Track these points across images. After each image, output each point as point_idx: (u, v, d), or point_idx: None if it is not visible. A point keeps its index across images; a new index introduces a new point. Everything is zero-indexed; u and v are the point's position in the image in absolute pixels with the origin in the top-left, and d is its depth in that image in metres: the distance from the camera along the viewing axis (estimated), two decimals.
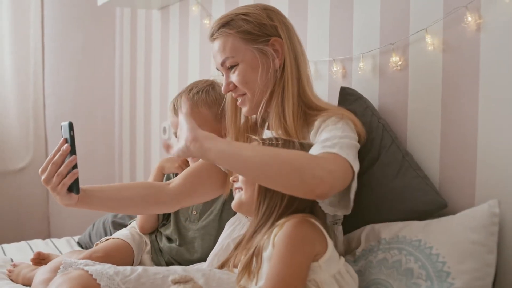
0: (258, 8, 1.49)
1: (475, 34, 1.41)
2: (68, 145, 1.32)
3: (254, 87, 1.48)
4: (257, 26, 1.47)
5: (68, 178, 1.33)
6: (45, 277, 1.47)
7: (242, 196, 1.38)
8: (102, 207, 1.49)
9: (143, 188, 1.55)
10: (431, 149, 1.52)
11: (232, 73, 1.50)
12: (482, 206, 1.27)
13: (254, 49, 1.47)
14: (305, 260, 1.20)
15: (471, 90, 1.42)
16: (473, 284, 1.20)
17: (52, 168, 1.34)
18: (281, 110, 1.46)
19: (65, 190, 1.34)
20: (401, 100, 1.60)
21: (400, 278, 1.28)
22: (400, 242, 1.34)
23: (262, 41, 1.47)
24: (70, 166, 1.33)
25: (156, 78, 2.98)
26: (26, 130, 3.25)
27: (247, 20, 1.47)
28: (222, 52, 1.49)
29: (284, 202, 1.31)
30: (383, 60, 1.65)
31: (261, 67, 1.47)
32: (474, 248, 1.23)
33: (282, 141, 1.35)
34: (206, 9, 2.47)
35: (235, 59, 1.48)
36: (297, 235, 1.22)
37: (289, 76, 1.46)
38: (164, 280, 1.30)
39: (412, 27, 1.56)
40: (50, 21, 3.31)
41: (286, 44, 1.48)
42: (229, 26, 1.48)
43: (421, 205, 1.43)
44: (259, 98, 1.49)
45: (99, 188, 1.48)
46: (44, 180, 1.35)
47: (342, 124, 1.39)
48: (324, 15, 1.86)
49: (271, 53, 1.47)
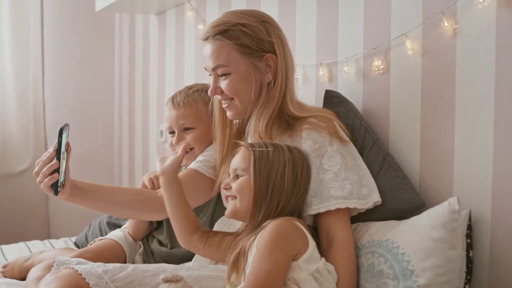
0: (258, 21, 1.50)
1: (451, 39, 1.46)
2: (54, 150, 1.39)
3: (242, 97, 1.53)
4: (255, 41, 1.49)
5: (48, 179, 1.39)
6: (38, 275, 1.51)
7: (237, 204, 1.40)
8: (93, 207, 1.56)
9: (133, 195, 1.61)
10: (412, 150, 1.57)
11: (222, 80, 1.53)
12: (443, 204, 1.31)
13: (249, 63, 1.50)
14: (284, 257, 1.25)
15: (448, 92, 1.47)
16: (436, 280, 1.24)
17: (40, 166, 1.40)
18: (258, 118, 1.51)
19: (47, 188, 1.40)
20: (383, 103, 1.65)
21: (372, 280, 1.33)
22: (374, 245, 1.38)
23: (257, 56, 1.50)
24: (51, 170, 1.39)
25: (154, 82, 3.03)
26: (26, 133, 3.30)
27: (246, 33, 1.48)
28: (216, 58, 1.51)
29: (278, 208, 1.36)
30: (366, 64, 1.70)
31: (251, 81, 1.51)
32: (435, 245, 1.26)
33: (271, 148, 1.39)
34: (201, 14, 2.52)
35: (228, 69, 1.50)
36: (277, 233, 1.27)
37: (277, 92, 1.50)
38: (153, 278, 1.35)
39: (393, 32, 1.61)
40: (49, 27, 3.36)
41: (280, 61, 1.51)
42: (227, 35, 1.49)
43: (400, 204, 1.48)
44: (246, 106, 1.54)
45: (94, 188, 1.54)
46: (34, 173, 1.42)
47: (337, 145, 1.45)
48: (311, 20, 1.91)
49: (264, 69, 1.50)
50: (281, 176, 1.36)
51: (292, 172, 1.37)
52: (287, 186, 1.36)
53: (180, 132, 1.80)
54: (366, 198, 1.44)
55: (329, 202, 1.41)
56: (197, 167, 1.70)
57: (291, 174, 1.37)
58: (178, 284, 1.26)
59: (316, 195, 1.42)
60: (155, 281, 1.33)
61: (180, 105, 1.80)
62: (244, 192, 1.38)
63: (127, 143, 3.38)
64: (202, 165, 1.70)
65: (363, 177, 1.47)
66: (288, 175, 1.37)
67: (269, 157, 1.38)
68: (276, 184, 1.36)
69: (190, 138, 1.78)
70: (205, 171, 1.69)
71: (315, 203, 1.42)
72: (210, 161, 1.71)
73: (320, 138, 1.46)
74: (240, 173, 1.41)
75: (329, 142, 1.45)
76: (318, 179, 1.43)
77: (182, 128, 1.80)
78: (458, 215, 1.27)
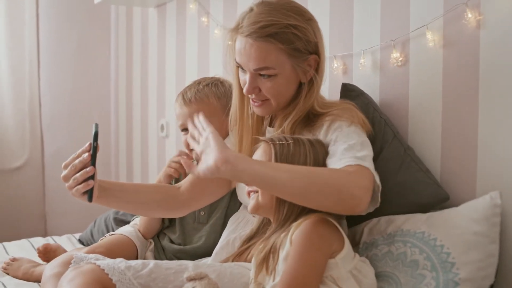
0: (304, 20, 1.43)
1: (475, 30, 1.44)
2: (89, 155, 1.33)
3: (281, 98, 1.48)
4: (304, 43, 1.42)
5: (82, 186, 1.33)
6: (55, 271, 1.48)
7: (259, 199, 1.36)
8: (117, 207, 1.54)
9: (158, 193, 1.57)
10: (432, 143, 1.55)
11: (264, 80, 1.45)
12: (484, 197, 1.30)
13: (294, 65, 1.44)
14: (321, 258, 1.23)
15: (471, 85, 1.45)
16: (477, 274, 1.24)
17: (70, 171, 1.33)
18: (287, 115, 1.48)
19: (79, 194, 1.34)
20: (402, 96, 1.63)
21: (405, 270, 1.31)
22: (404, 235, 1.37)
23: (303, 58, 1.44)
24: (86, 176, 1.33)
25: (153, 77, 2.99)
26: (22, 129, 3.26)
27: (297, 36, 1.41)
28: (261, 60, 1.41)
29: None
30: (384, 56, 1.68)
31: (294, 81, 1.46)
32: (477, 239, 1.26)
33: (292, 141, 1.36)
34: (204, 7, 2.49)
35: (275, 71, 1.42)
36: (315, 233, 1.24)
37: (312, 94, 1.47)
38: (176, 276, 1.32)
39: (412, 24, 1.59)
40: (45, 20, 3.31)
41: (322, 63, 1.47)
42: (278, 38, 1.39)
43: (423, 198, 1.46)
44: (281, 106, 1.50)
45: (119, 187, 1.49)
46: (63, 177, 1.35)
47: (355, 127, 1.41)
48: (324, 12, 1.88)
49: (306, 69, 1.45)
50: None
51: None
52: None
53: None
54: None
55: (340, 162, 1.31)
56: None
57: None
58: (202, 281, 1.23)
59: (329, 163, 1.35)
60: (178, 279, 1.31)
61: (192, 101, 1.77)
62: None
63: (124, 139, 3.34)
64: None
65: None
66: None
67: (290, 150, 1.35)
68: None
69: None
70: None
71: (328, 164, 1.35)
72: None
73: (339, 122, 1.42)
74: None
75: (347, 124, 1.41)
76: (331, 152, 1.37)
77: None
78: (499, 209, 1.26)
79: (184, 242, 1.82)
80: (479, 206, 1.28)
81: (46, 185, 3.34)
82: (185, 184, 1.61)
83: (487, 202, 1.28)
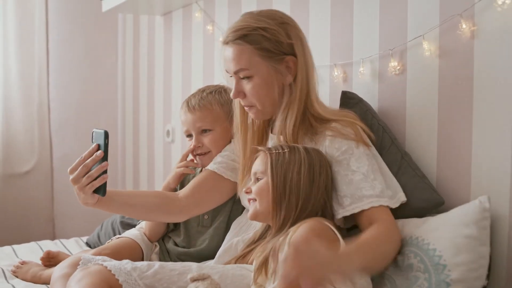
0: (277, 23, 1.52)
1: (469, 40, 1.49)
2: (102, 151, 1.41)
3: (264, 101, 1.55)
4: (274, 44, 1.51)
5: (98, 181, 1.41)
6: (64, 272, 1.53)
7: (257, 206, 1.44)
8: (118, 210, 1.59)
9: (156, 197, 1.64)
10: (429, 149, 1.60)
11: (245, 83, 1.55)
12: (473, 202, 1.35)
13: (270, 66, 1.52)
14: None
15: (466, 93, 1.50)
16: (468, 275, 1.28)
17: (82, 170, 1.41)
18: (284, 119, 1.54)
19: (92, 191, 1.42)
20: (399, 103, 1.68)
21: (402, 274, 1.36)
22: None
23: (277, 59, 1.52)
24: (101, 171, 1.41)
25: (159, 83, 3.05)
26: (31, 133, 3.31)
27: (266, 37, 1.50)
28: (237, 62, 1.53)
29: (298, 208, 1.39)
30: (382, 65, 1.73)
31: (272, 84, 1.53)
32: (467, 241, 1.31)
33: (288, 149, 1.43)
34: (210, 15, 2.55)
35: (250, 72, 1.52)
36: (312, 235, 1.28)
37: (298, 92, 1.53)
38: (180, 277, 1.37)
39: (410, 34, 1.64)
40: (54, 27, 3.38)
41: (300, 64, 1.53)
42: (247, 39, 1.51)
43: (419, 202, 1.51)
44: (268, 108, 1.57)
45: (118, 192, 1.57)
46: (73, 179, 1.42)
47: (363, 147, 1.48)
48: (325, 21, 1.94)
49: (284, 71, 1.53)
50: (297, 175, 1.40)
51: (308, 171, 1.41)
52: (303, 185, 1.39)
53: (198, 135, 1.83)
54: (393, 198, 1.47)
55: (362, 202, 1.42)
56: (215, 169, 1.73)
57: (308, 172, 1.40)
58: (205, 282, 1.28)
59: (346, 195, 1.43)
60: (182, 279, 1.36)
61: (196, 108, 1.83)
62: (263, 194, 1.43)
63: (131, 144, 3.39)
64: (220, 167, 1.73)
65: (387, 179, 1.50)
66: (304, 174, 1.40)
67: (285, 158, 1.42)
68: (293, 183, 1.39)
69: (208, 140, 1.81)
70: (223, 172, 1.72)
71: (347, 204, 1.43)
72: (227, 162, 1.74)
73: (345, 142, 1.48)
74: (260, 176, 1.45)
75: (355, 145, 1.48)
76: (347, 180, 1.45)
77: (200, 130, 1.83)
78: (488, 213, 1.31)
79: (189, 245, 1.87)
80: (469, 210, 1.33)
81: (54, 189, 3.40)
82: (185, 191, 1.67)
83: (476, 206, 1.33)
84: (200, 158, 1.84)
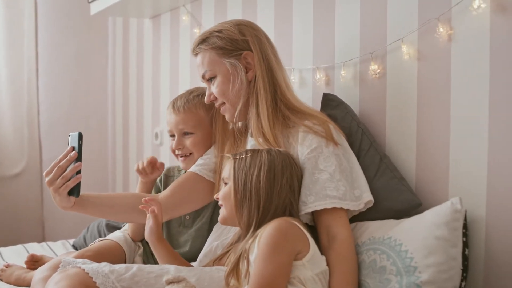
0: (232, 25, 1.63)
1: (446, 44, 1.50)
2: (76, 152, 1.43)
3: (229, 97, 1.62)
4: (229, 42, 1.61)
5: (71, 181, 1.45)
6: (44, 275, 1.54)
7: (223, 211, 1.48)
8: (95, 212, 1.60)
9: (135, 198, 1.65)
10: (408, 152, 1.61)
11: (212, 85, 1.64)
12: (445, 203, 1.37)
13: (227, 62, 1.61)
14: (286, 258, 1.29)
15: (444, 96, 1.51)
16: (438, 277, 1.29)
17: (57, 171, 1.46)
18: (257, 118, 1.58)
19: (66, 192, 1.46)
20: (379, 106, 1.69)
21: (374, 276, 1.37)
22: (375, 243, 1.43)
23: (234, 55, 1.61)
24: (75, 171, 1.45)
25: (148, 86, 3.06)
26: (20, 136, 3.31)
27: (220, 37, 1.61)
28: (201, 65, 1.65)
29: (260, 209, 1.41)
30: (363, 68, 1.74)
31: (233, 79, 1.60)
32: (438, 243, 1.31)
33: (250, 153, 1.47)
34: (196, 18, 2.56)
35: (212, 72, 1.63)
36: (278, 234, 1.31)
37: (261, 85, 1.59)
38: (157, 279, 1.38)
39: (389, 37, 1.66)
40: (43, 30, 3.38)
41: (257, 57, 1.60)
42: (205, 43, 1.63)
43: (397, 204, 1.52)
44: (236, 106, 1.62)
45: (95, 194, 1.60)
46: (48, 181, 1.46)
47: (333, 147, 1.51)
48: (307, 26, 1.95)
49: (244, 66, 1.60)
50: (256, 178, 1.42)
51: (268, 172, 1.43)
52: (263, 187, 1.42)
53: (180, 136, 1.84)
54: (358, 199, 1.49)
55: (325, 201, 1.45)
56: (196, 170, 1.73)
57: (267, 174, 1.43)
58: (180, 284, 1.29)
59: (311, 193, 1.47)
60: (159, 282, 1.36)
61: (180, 110, 1.83)
62: (227, 199, 1.47)
63: (121, 146, 3.40)
64: (202, 168, 1.74)
65: (356, 179, 1.52)
66: (263, 176, 1.42)
67: (247, 163, 1.46)
68: (253, 186, 1.42)
69: (189, 143, 1.82)
70: (204, 174, 1.73)
71: (311, 201, 1.47)
72: (209, 164, 1.75)
73: (316, 140, 1.52)
74: (226, 181, 1.49)
75: (325, 144, 1.52)
76: (313, 178, 1.48)
77: (182, 132, 1.83)
78: (460, 214, 1.32)
79: (171, 245, 1.87)
80: (441, 212, 1.34)
81: (44, 191, 3.39)
82: (165, 191, 1.68)
83: (448, 207, 1.34)
84: (182, 160, 1.85)
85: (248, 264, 1.33)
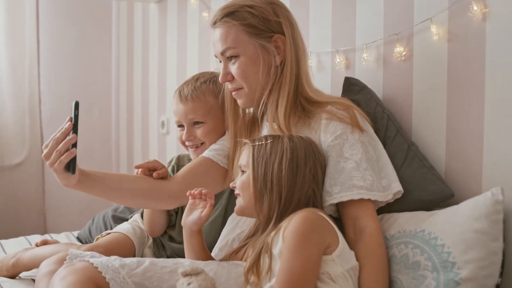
0: (265, 2, 1.49)
1: (480, 23, 1.40)
2: (71, 123, 1.31)
3: (252, 81, 1.49)
4: (261, 21, 1.47)
5: (65, 156, 1.31)
6: (50, 269, 1.44)
7: (241, 201, 1.38)
8: (101, 194, 1.47)
9: (144, 182, 1.52)
10: (437, 139, 1.51)
11: (231, 64, 1.50)
12: (485, 194, 1.27)
13: (257, 43, 1.48)
14: (316, 251, 1.20)
15: (477, 79, 1.41)
16: (479, 273, 1.19)
17: (52, 145, 1.32)
18: (275, 105, 1.48)
19: (62, 168, 1.32)
20: (405, 91, 1.59)
21: (407, 272, 1.28)
22: (406, 236, 1.33)
23: (265, 36, 1.48)
24: (69, 144, 1.31)
25: (154, 72, 2.96)
26: (21, 126, 3.25)
27: (252, 13, 1.47)
28: (224, 41, 1.49)
29: (282, 200, 1.31)
30: (387, 51, 1.64)
31: (262, 63, 1.48)
32: (477, 237, 1.22)
33: (271, 139, 1.37)
34: (205, 1, 2.46)
35: (236, 51, 1.48)
36: (306, 226, 1.22)
37: (288, 74, 1.48)
38: (171, 274, 1.28)
39: (416, 17, 1.55)
40: (45, 16, 3.30)
41: (289, 42, 1.48)
42: (233, 17, 1.47)
43: (427, 195, 1.42)
44: (255, 91, 1.50)
45: (103, 174, 1.46)
46: (44, 155, 1.33)
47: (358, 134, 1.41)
48: (326, 6, 1.85)
49: (273, 50, 1.48)
50: (278, 167, 1.33)
51: (290, 161, 1.33)
52: (285, 176, 1.32)
53: (190, 126, 1.73)
54: (386, 190, 1.40)
55: (352, 191, 1.36)
56: (210, 156, 1.63)
57: (289, 163, 1.33)
58: (198, 277, 1.19)
59: (337, 183, 1.38)
60: (174, 277, 1.27)
61: (188, 98, 1.73)
62: (245, 188, 1.37)
63: (125, 135, 3.31)
64: (216, 154, 1.64)
65: (383, 168, 1.43)
66: (285, 165, 1.33)
67: (267, 150, 1.36)
68: (274, 176, 1.33)
69: (200, 132, 1.71)
70: (218, 160, 1.63)
71: (336, 192, 1.37)
72: (224, 149, 1.65)
73: (341, 126, 1.43)
74: (244, 169, 1.40)
75: (350, 131, 1.42)
76: (339, 167, 1.39)
77: (192, 122, 1.73)
78: (501, 206, 1.22)
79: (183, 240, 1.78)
80: (480, 203, 1.24)
81: (46, 182, 3.33)
82: (176, 178, 1.57)
83: (488, 198, 1.23)
84: (193, 151, 1.75)
85: (271, 259, 1.23)
